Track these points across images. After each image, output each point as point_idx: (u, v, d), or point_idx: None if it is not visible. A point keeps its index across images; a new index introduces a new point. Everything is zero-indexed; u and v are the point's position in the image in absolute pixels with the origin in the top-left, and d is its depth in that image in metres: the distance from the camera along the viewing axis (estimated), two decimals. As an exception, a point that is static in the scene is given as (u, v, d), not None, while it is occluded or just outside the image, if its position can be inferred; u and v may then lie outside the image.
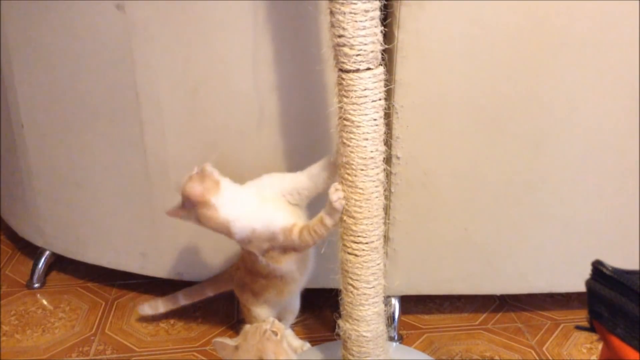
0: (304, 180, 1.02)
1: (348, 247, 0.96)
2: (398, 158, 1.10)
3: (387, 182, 1.01)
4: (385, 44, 0.87)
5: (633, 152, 1.11)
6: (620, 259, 0.70)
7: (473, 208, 1.16)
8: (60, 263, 1.50)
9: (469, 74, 1.06)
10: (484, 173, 1.13)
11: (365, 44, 0.84)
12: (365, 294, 0.97)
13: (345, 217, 0.95)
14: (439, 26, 1.02)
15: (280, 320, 1.18)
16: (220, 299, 1.38)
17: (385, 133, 0.91)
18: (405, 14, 1.00)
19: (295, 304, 1.20)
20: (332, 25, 0.85)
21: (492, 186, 1.14)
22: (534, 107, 1.08)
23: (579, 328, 0.71)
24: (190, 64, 1.12)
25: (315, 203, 1.03)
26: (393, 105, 1.06)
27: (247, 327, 0.97)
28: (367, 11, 0.83)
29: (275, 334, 0.94)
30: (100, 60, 1.16)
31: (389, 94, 1.02)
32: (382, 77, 0.88)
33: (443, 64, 1.05)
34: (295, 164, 1.09)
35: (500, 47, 1.04)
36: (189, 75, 1.13)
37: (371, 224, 0.93)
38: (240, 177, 1.20)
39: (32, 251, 1.51)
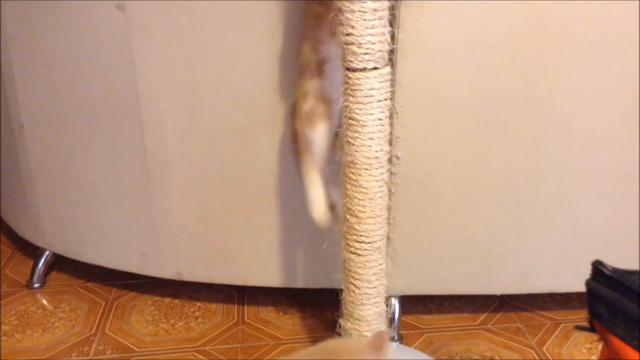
0: None
1: (351, 247, 0.96)
2: (398, 158, 1.10)
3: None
4: (392, 44, 0.88)
5: (633, 152, 1.11)
6: (620, 259, 0.70)
7: (473, 208, 1.16)
8: (60, 263, 1.50)
9: (469, 74, 1.06)
10: (484, 173, 1.13)
11: (373, 43, 0.85)
12: (367, 294, 0.97)
13: (348, 216, 0.95)
14: (439, 26, 1.02)
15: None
16: (220, 299, 1.39)
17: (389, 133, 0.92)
18: (405, 14, 1.00)
19: None
20: (341, 24, 0.85)
21: (492, 186, 1.14)
22: (534, 107, 1.08)
23: (579, 328, 0.71)
24: (190, 64, 1.12)
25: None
26: (393, 105, 1.06)
27: None
28: (376, 10, 0.83)
29: None
30: (100, 60, 1.16)
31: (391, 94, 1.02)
32: (389, 77, 0.88)
33: (443, 64, 1.05)
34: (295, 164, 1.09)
35: (501, 47, 1.04)
36: (189, 75, 1.13)
37: (374, 223, 0.94)
38: (240, 177, 1.20)
39: (32, 251, 1.51)
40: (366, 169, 0.91)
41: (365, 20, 0.83)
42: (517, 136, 1.10)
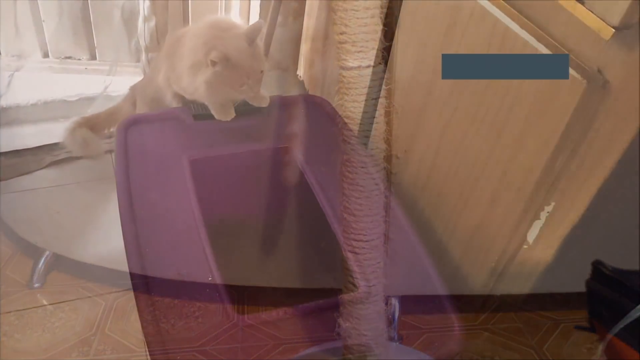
0: None
1: (348, 245, 0.96)
2: (398, 158, 1.10)
3: (387, 182, 1.01)
4: (385, 42, 0.88)
5: (633, 151, 1.11)
6: (620, 259, 0.70)
7: (473, 208, 1.16)
8: (60, 263, 1.50)
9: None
10: (484, 173, 1.13)
11: (367, 41, 0.85)
12: (365, 292, 0.97)
13: (345, 215, 0.95)
14: (438, 26, 1.02)
15: None
16: (220, 299, 1.39)
17: (385, 132, 0.92)
18: (405, 14, 1.00)
19: None
20: (335, 23, 0.85)
21: (492, 186, 1.14)
22: (535, 107, 1.08)
23: (579, 328, 0.71)
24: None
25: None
26: (393, 105, 1.06)
27: None
28: (368, 8, 0.84)
29: None
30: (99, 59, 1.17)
31: (389, 94, 1.02)
32: (383, 75, 0.89)
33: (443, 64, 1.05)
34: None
35: (501, 47, 1.04)
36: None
37: (371, 221, 0.94)
38: (240, 177, 1.20)
39: (32, 251, 1.51)
40: (362, 167, 0.91)
41: (358, 18, 0.84)
42: (517, 136, 1.10)
